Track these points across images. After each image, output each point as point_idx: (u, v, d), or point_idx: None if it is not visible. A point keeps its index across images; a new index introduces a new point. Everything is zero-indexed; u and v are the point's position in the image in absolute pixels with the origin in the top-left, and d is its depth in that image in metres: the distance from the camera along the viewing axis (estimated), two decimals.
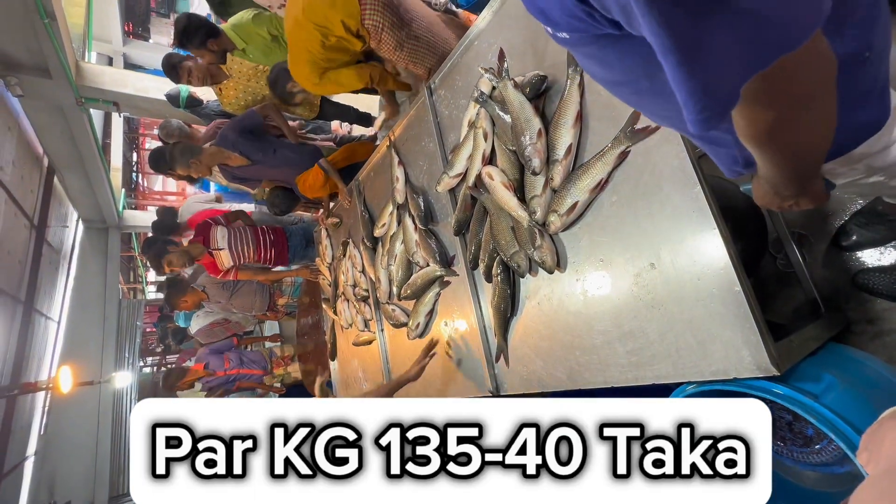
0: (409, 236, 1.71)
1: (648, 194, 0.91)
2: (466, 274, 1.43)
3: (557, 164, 1.05)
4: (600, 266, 1.01)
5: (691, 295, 0.83)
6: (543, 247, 1.10)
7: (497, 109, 1.23)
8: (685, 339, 0.84)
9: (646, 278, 0.91)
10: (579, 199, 1.01)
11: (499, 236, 1.24)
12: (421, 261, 1.66)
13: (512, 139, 1.17)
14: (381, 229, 1.95)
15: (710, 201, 0.80)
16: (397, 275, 1.81)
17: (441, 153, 1.55)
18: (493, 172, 1.24)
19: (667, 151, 0.87)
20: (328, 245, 2.70)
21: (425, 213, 1.63)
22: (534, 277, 1.20)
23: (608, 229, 0.99)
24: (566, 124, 1.04)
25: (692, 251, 0.83)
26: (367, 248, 2.13)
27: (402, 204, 1.77)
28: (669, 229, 0.87)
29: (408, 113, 1.81)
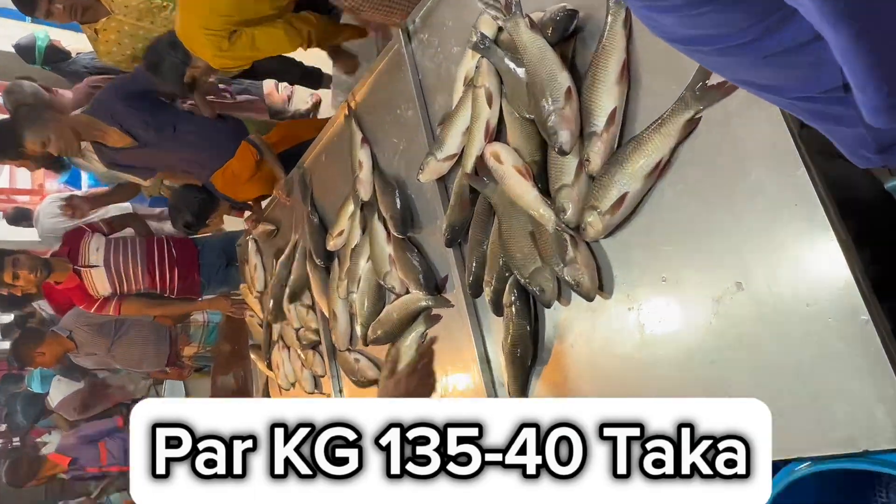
0: (378, 250, 1.72)
1: (730, 181, 0.92)
2: (465, 304, 1.44)
3: (596, 138, 1.07)
4: (662, 288, 1.02)
5: (797, 329, 0.83)
6: (578, 261, 1.10)
7: (506, 60, 1.25)
8: (790, 395, 0.84)
9: (730, 306, 0.92)
10: (629, 189, 1.02)
11: (512, 247, 1.25)
12: (397, 285, 1.67)
13: (528, 103, 1.18)
14: (338, 239, 1.97)
15: (820, 190, 0.81)
16: (362, 308, 1.82)
17: (425, 125, 1.57)
18: (501, 153, 1.25)
19: (754, 118, 0.89)
20: (258, 265, 2.70)
21: (402, 215, 1.65)
22: (565, 307, 1.21)
23: (673, 234, 1.00)
24: (607, 80, 1.05)
25: (797, 264, 0.84)
26: (316, 268, 2.14)
27: (367, 202, 1.80)
28: (762, 232, 0.88)
29: (374, 67, 1.83)
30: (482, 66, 1.30)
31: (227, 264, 3.10)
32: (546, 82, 1.12)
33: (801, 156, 0.83)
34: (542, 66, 1.13)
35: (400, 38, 1.65)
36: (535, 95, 1.14)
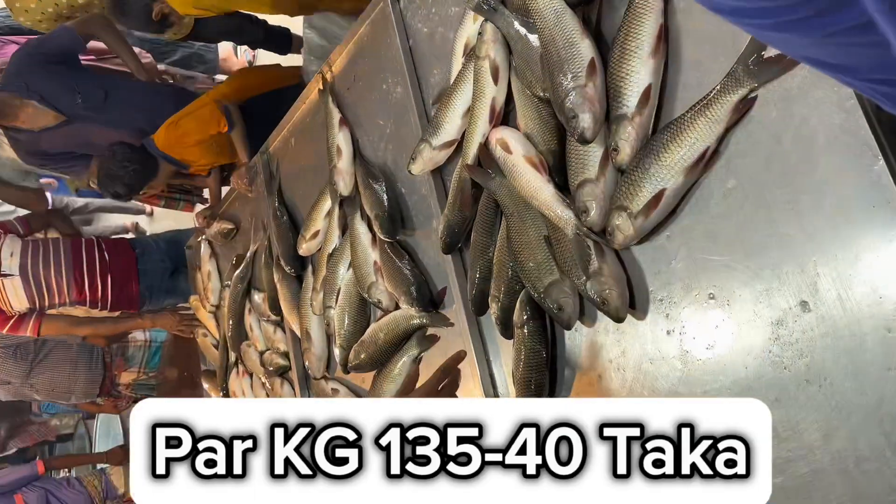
0: (361, 256, 1.73)
1: (792, 176, 0.92)
2: (466, 322, 1.45)
3: (626, 122, 1.07)
4: (710, 308, 1.02)
5: (879, 359, 0.83)
6: (604, 273, 1.11)
7: (516, 25, 1.25)
8: (871, 440, 0.84)
9: (794, 329, 0.92)
10: (667, 185, 1.02)
11: (523, 254, 1.25)
12: (384, 299, 1.67)
13: (543, 78, 1.18)
14: (312, 243, 1.98)
15: None
16: (342, 326, 1.82)
17: (416, 104, 1.57)
18: (510, 140, 1.25)
19: (822, 99, 0.89)
20: (213, 272, 2.71)
21: (390, 214, 1.65)
22: (588, 328, 1.21)
23: (722, 240, 1.00)
24: (640, 51, 1.05)
25: (875, 280, 0.84)
26: (285, 276, 2.14)
27: (347, 197, 1.80)
28: (832, 240, 0.88)
29: (355, 30, 1.83)
30: (486, 32, 1.30)
31: (173, 271, 3.09)
32: (564, 53, 1.12)
33: (881, 146, 0.83)
34: (559, 33, 1.13)
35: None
36: (550, 69, 1.14)
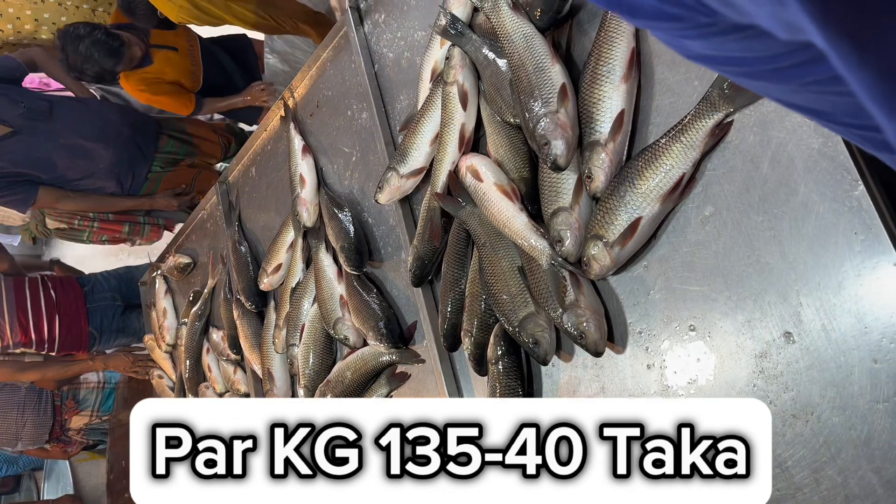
0: (327, 290, 1.70)
1: (770, 203, 0.92)
2: (438, 359, 1.42)
3: (599, 148, 1.06)
4: (691, 340, 1.01)
5: (867, 392, 0.83)
6: (581, 305, 1.09)
7: (483, 49, 1.24)
8: (861, 477, 0.83)
9: (778, 362, 0.91)
10: (642, 213, 1.01)
11: (496, 287, 1.23)
12: (351, 336, 1.64)
13: (513, 104, 1.18)
14: (274, 277, 1.94)
15: (885, 214, 0.81)
16: (306, 365, 1.78)
17: (383, 131, 1.56)
18: (480, 167, 1.24)
19: (799, 123, 0.89)
20: (168, 309, 2.65)
21: (357, 246, 1.63)
22: (566, 363, 1.19)
23: (701, 269, 1.00)
24: (612, 75, 1.05)
25: (860, 307, 0.83)
26: (245, 313, 2.09)
27: (311, 228, 1.78)
28: (814, 267, 0.87)
29: (318, 54, 1.82)
30: (454, 56, 1.30)
31: (125, 309, 3.04)
32: (534, 78, 1.11)
33: (860, 170, 0.83)
34: (529, 58, 1.12)
35: (349, 18, 1.64)
36: (521, 95, 1.13)
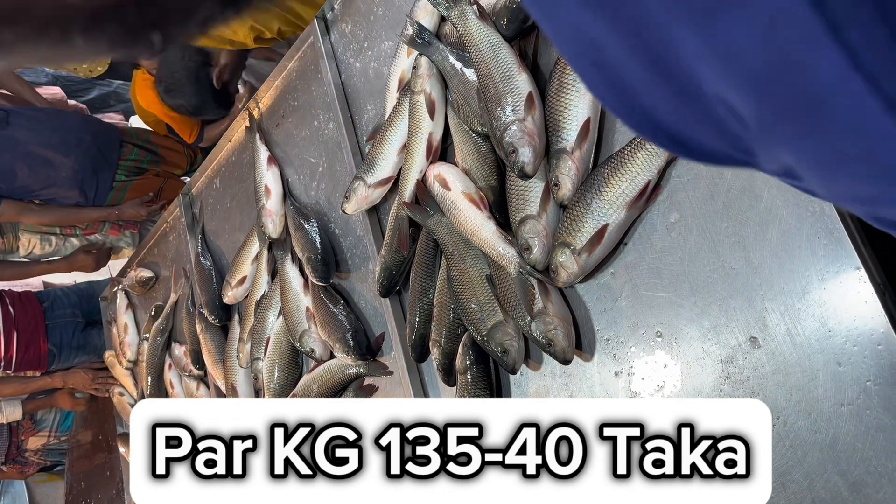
0: (292, 302, 1.68)
1: (735, 208, 0.93)
2: (406, 370, 1.41)
3: (566, 156, 1.07)
4: (658, 346, 1.01)
5: (831, 395, 0.84)
6: (549, 312, 1.09)
7: (451, 59, 1.25)
8: (827, 481, 0.84)
9: (744, 367, 0.92)
10: (609, 220, 1.02)
11: (464, 296, 1.22)
12: (318, 349, 1.62)
13: (480, 113, 1.18)
14: (238, 290, 1.91)
15: (846, 216, 0.82)
16: (271, 379, 1.75)
17: (350, 141, 1.55)
18: (448, 176, 1.24)
19: None
20: (129, 325, 2.60)
21: (324, 257, 1.62)
22: (535, 372, 1.19)
23: (667, 275, 1.00)
24: (578, 84, 1.06)
25: (824, 311, 0.84)
26: (209, 327, 2.06)
27: (277, 240, 1.76)
28: (778, 272, 0.88)
29: (283, 65, 1.81)
30: (421, 66, 1.30)
31: (85, 325, 2.98)
32: (501, 87, 1.11)
33: None
34: (495, 67, 1.13)
35: (315, 28, 1.63)
36: (488, 103, 1.13)
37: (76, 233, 2.89)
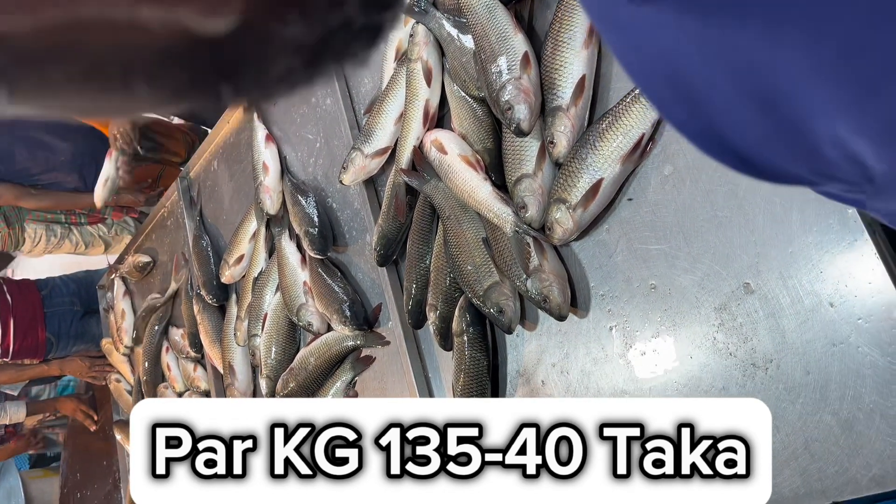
0: (290, 277, 1.68)
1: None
2: (403, 338, 1.41)
3: (561, 113, 1.08)
4: (653, 299, 1.02)
5: (822, 335, 0.85)
6: (545, 270, 1.09)
7: (447, 26, 1.26)
8: (819, 421, 0.85)
9: (737, 313, 0.93)
10: (604, 174, 1.03)
11: (461, 258, 1.23)
12: (315, 322, 1.62)
13: (477, 76, 1.19)
14: (236, 268, 1.91)
15: None
16: (269, 355, 1.75)
17: (348, 115, 1.56)
18: (444, 140, 1.25)
19: None
20: (127, 311, 2.59)
21: (321, 231, 1.62)
22: (531, 332, 1.20)
23: (661, 229, 1.01)
24: (573, 42, 1.07)
25: (813, 254, 0.86)
26: (206, 307, 2.06)
27: (274, 216, 1.76)
28: (770, 220, 0.89)
29: None
30: (417, 34, 1.30)
31: (84, 314, 2.97)
32: (497, 47, 1.12)
33: None
34: (491, 28, 1.14)
35: None
36: (484, 64, 1.14)
37: (81, 221, 2.88)
